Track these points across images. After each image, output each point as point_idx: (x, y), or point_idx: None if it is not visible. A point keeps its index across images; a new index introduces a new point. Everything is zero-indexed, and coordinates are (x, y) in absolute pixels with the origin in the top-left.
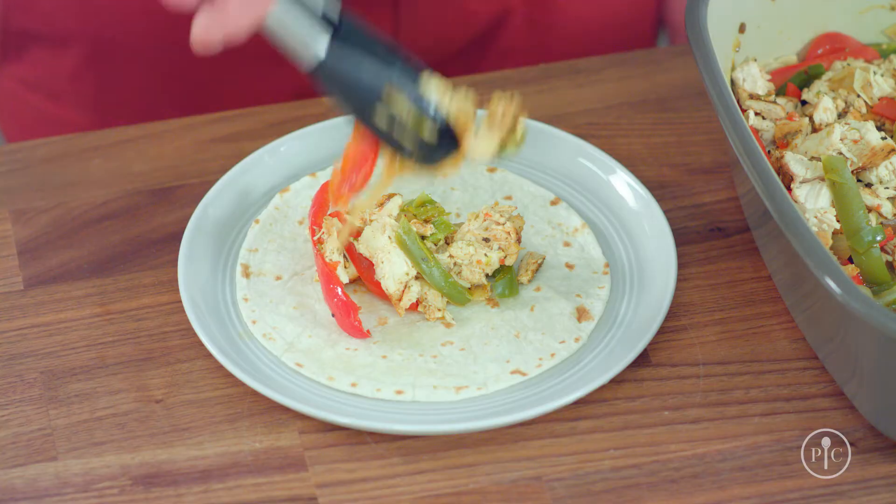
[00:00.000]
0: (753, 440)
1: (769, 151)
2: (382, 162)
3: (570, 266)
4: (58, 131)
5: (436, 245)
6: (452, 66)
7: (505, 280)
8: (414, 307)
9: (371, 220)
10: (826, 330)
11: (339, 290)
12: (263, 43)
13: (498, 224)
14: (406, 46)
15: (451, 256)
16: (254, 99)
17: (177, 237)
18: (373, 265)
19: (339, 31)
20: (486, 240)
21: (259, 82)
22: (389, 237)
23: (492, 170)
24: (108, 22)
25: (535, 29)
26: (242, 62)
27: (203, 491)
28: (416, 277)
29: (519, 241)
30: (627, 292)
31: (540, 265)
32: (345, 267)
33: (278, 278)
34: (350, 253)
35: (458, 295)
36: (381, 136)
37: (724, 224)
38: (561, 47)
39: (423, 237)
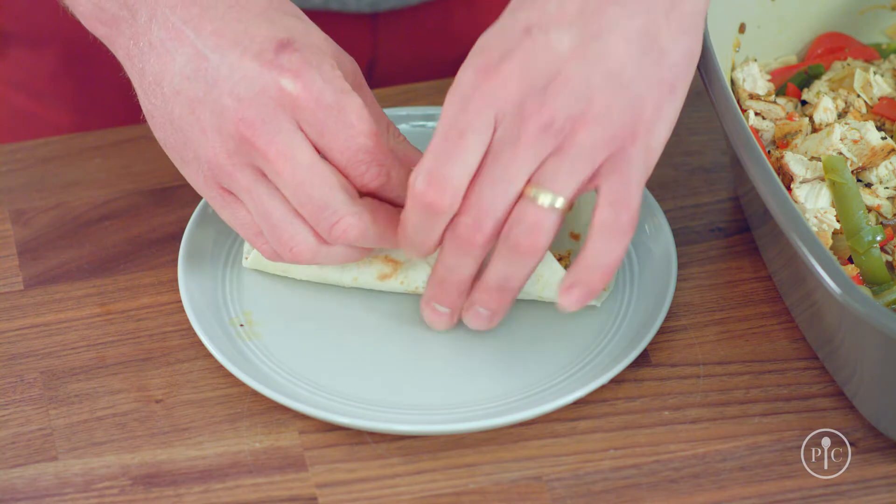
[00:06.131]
0: (753, 440)
1: (769, 151)
2: None
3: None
4: (41, 131)
5: None
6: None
7: None
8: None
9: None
10: (826, 330)
11: None
12: None
13: None
14: (387, 64)
15: None
16: None
17: (177, 237)
18: None
19: None
20: None
21: None
22: None
23: None
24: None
25: None
26: None
27: (203, 491)
28: None
29: None
30: (627, 292)
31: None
32: None
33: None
34: None
35: None
36: None
37: (724, 224)
38: None
39: None
